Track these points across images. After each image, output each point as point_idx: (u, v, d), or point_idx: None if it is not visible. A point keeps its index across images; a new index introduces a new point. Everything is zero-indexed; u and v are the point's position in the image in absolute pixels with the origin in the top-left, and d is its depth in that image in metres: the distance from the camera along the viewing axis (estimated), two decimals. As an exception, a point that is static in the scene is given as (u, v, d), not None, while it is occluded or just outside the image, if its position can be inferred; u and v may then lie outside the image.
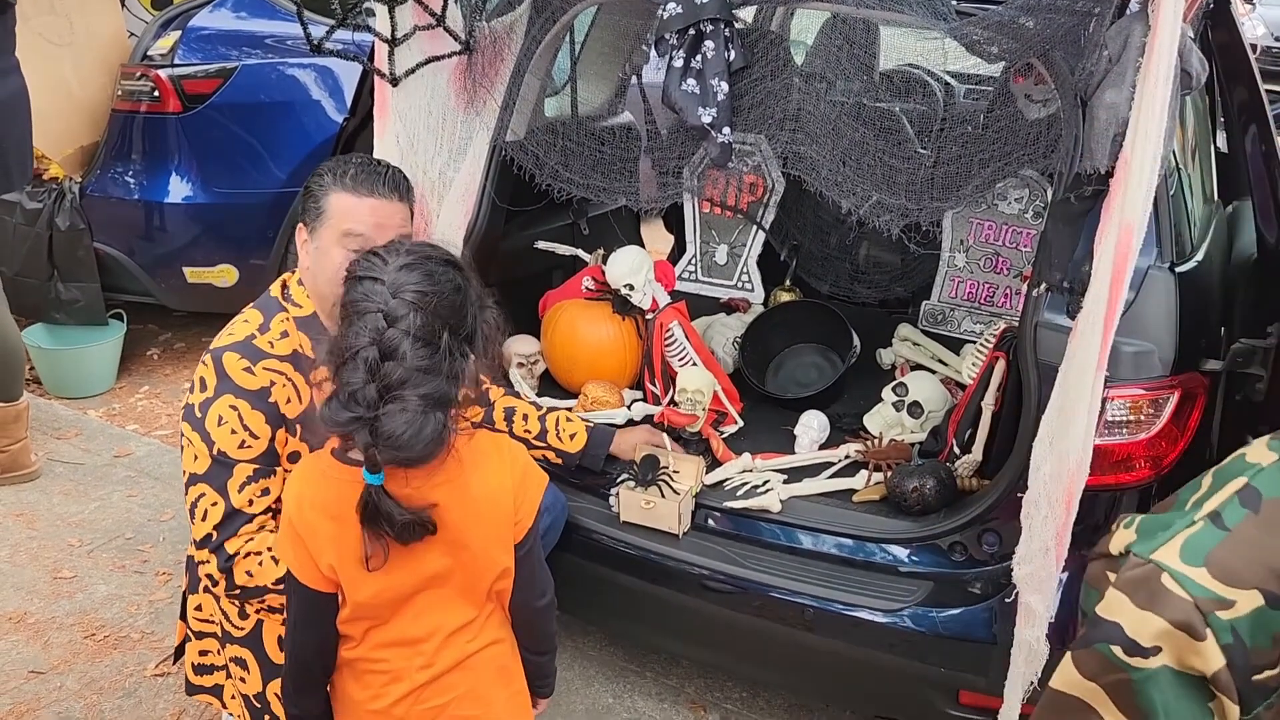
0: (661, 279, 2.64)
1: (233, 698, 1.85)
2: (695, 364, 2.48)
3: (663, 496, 2.12)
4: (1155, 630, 0.98)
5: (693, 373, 2.37)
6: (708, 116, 2.13)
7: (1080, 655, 1.05)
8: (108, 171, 3.66)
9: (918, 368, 2.72)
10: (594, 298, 2.66)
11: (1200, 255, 2.00)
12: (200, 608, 1.87)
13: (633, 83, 3.14)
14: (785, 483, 2.22)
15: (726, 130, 2.15)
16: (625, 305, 2.55)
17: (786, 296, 3.09)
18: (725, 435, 2.44)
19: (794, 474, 2.27)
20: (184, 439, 1.70)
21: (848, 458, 2.33)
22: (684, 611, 2.12)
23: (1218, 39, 2.54)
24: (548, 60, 2.42)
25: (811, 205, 3.07)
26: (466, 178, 2.30)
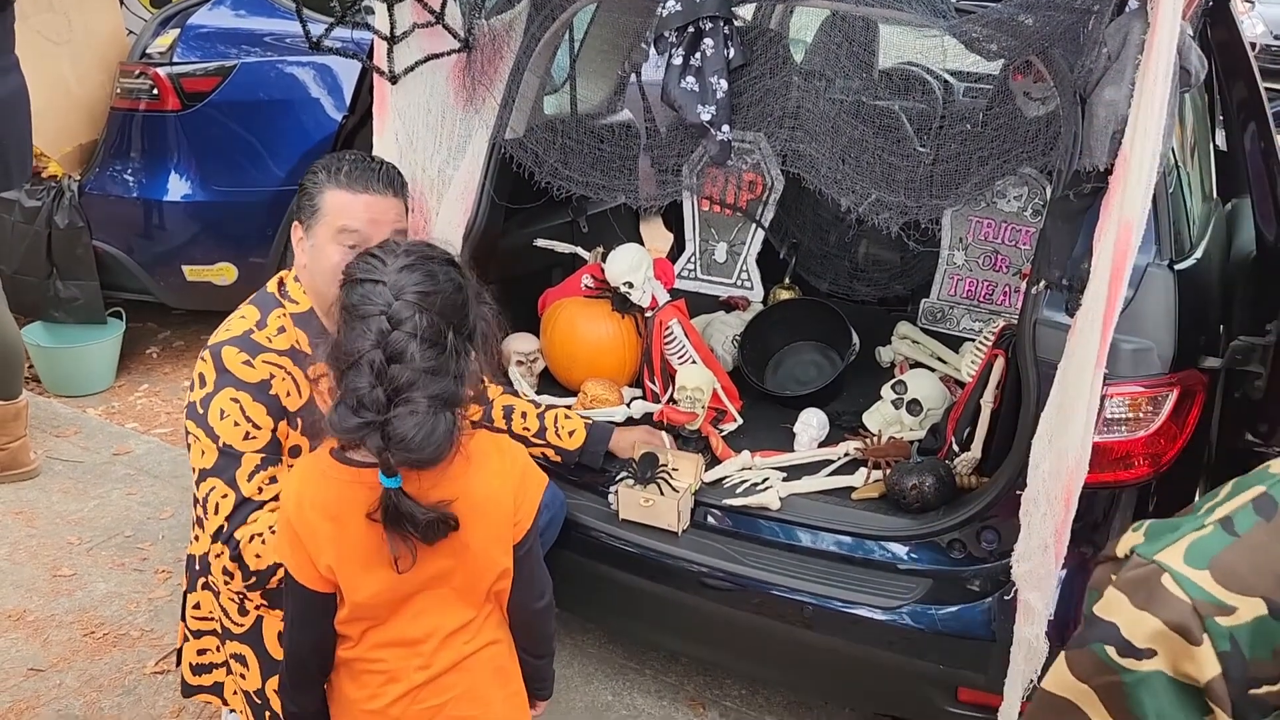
0: (661, 277, 2.63)
1: (234, 693, 1.85)
2: (695, 362, 2.48)
3: (662, 494, 2.12)
4: (1150, 631, 0.95)
5: (692, 370, 2.37)
6: (707, 114, 2.13)
7: (1074, 655, 1.02)
8: (107, 169, 3.66)
9: (917, 365, 2.72)
10: (593, 295, 2.66)
11: (1199, 253, 2.00)
12: (199, 605, 1.86)
13: (632, 80, 3.13)
14: (784, 480, 2.22)
15: (726, 128, 2.15)
16: (625, 303, 2.55)
17: (786, 294, 3.08)
18: (724, 433, 2.43)
19: (793, 471, 2.27)
20: (190, 436, 1.70)
21: (847, 455, 2.33)
22: (683, 609, 2.12)
23: (1217, 36, 2.54)
24: (547, 58, 2.42)
25: (811, 203, 3.07)
26: (466, 175, 2.30)
